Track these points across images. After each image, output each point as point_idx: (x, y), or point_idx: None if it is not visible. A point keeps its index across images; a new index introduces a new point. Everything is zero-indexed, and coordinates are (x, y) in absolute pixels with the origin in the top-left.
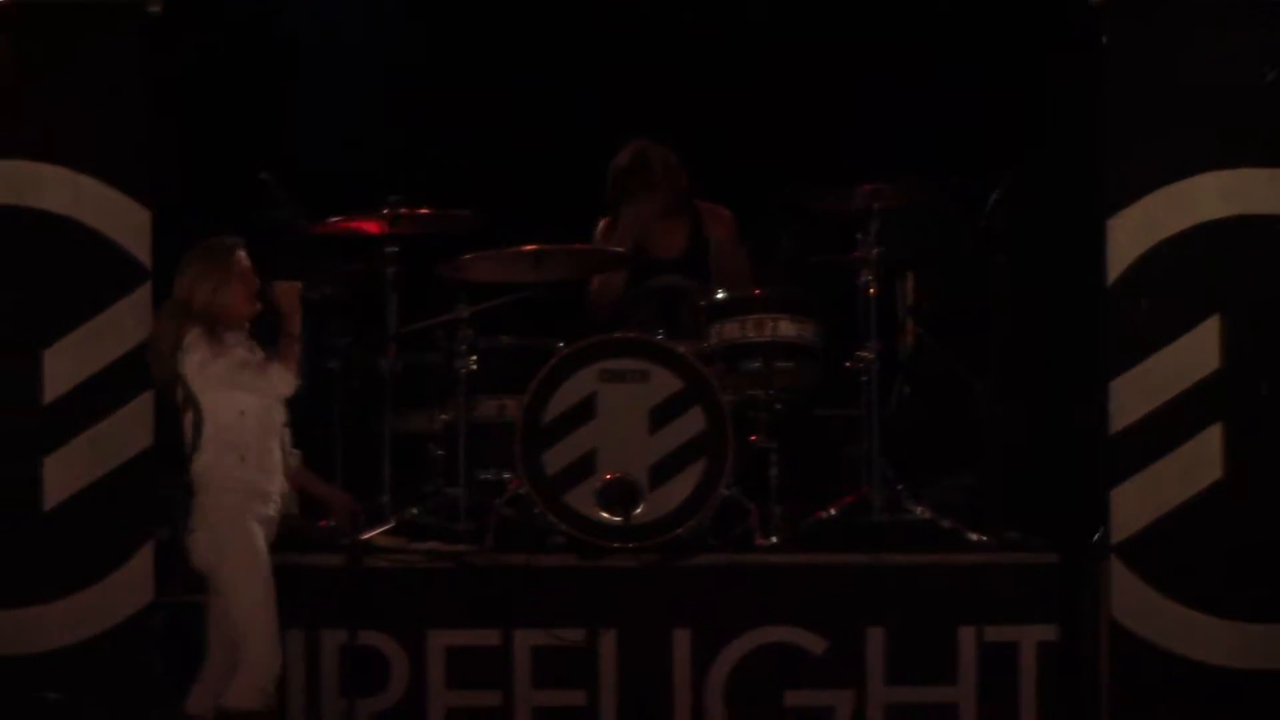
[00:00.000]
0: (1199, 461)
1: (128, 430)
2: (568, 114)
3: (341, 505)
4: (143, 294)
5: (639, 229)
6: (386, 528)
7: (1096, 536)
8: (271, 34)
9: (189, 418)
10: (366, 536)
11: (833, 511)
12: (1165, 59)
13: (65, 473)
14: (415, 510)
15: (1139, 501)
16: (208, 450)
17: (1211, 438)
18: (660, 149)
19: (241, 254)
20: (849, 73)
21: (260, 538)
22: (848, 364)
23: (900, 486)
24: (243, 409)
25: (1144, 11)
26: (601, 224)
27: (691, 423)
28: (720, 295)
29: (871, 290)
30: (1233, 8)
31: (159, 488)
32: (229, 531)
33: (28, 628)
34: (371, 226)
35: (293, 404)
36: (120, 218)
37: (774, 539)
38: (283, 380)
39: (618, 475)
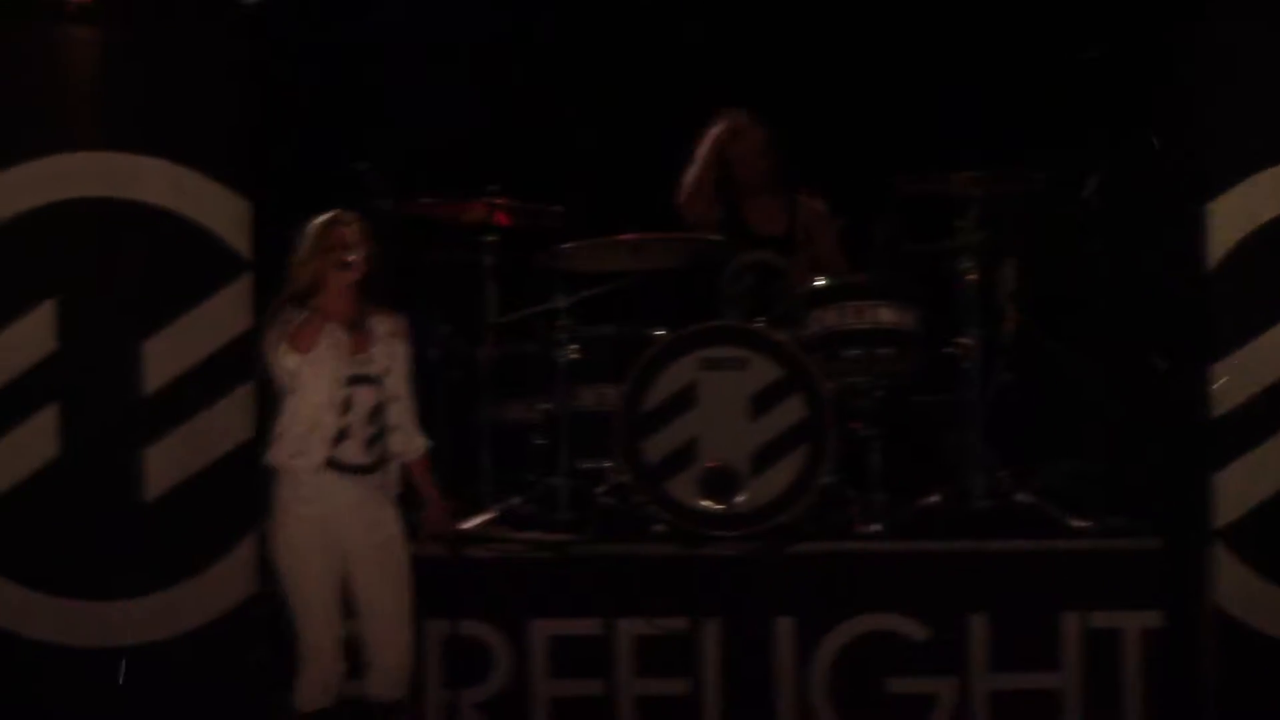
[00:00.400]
0: None
1: (229, 421)
2: (665, 102)
3: (436, 516)
4: (242, 285)
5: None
6: (488, 518)
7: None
8: (366, 24)
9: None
10: (468, 526)
11: (934, 498)
12: (1268, 38)
13: (166, 463)
14: (516, 500)
15: (1242, 486)
16: (274, 432)
17: None
18: (758, 125)
19: (332, 225)
20: (947, 58)
21: (304, 532)
22: (948, 351)
23: (1002, 473)
24: (301, 387)
25: None
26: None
27: (792, 410)
28: (820, 282)
29: (971, 277)
30: None
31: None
32: (275, 524)
33: (132, 618)
34: (470, 216)
35: None
36: (219, 209)
37: (876, 526)
38: (278, 351)
39: (718, 463)
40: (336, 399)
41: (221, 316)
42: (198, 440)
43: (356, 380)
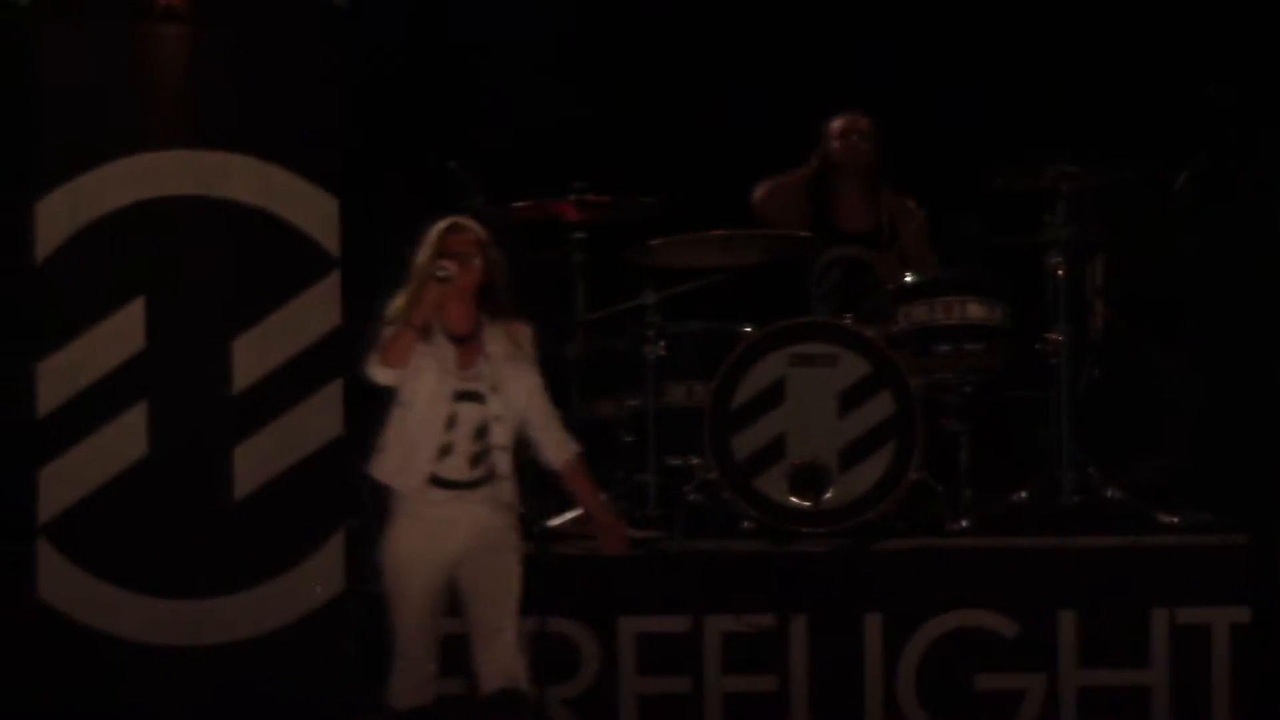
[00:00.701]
0: None
1: (317, 419)
2: (752, 99)
3: (611, 533)
4: (331, 283)
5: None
6: (576, 514)
7: None
8: (454, 22)
9: None
10: (557, 523)
11: (1023, 494)
12: None
13: (255, 462)
14: (605, 496)
15: None
16: (379, 443)
17: None
18: (860, 117)
19: (445, 233)
20: (1038, 51)
21: (409, 543)
22: (1037, 346)
23: (1091, 469)
24: (404, 402)
25: None
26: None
27: (880, 407)
28: (909, 278)
29: (1060, 272)
30: None
31: (350, 477)
32: (386, 529)
33: (220, 617)
34: (559, 212)
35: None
36: (308, 207)
37: (964, 523)
38: (370, 363)
39: (807, 459)
40: (439, 415)
41: (309, 314)
42: (286, 439)
43: (463, 396)
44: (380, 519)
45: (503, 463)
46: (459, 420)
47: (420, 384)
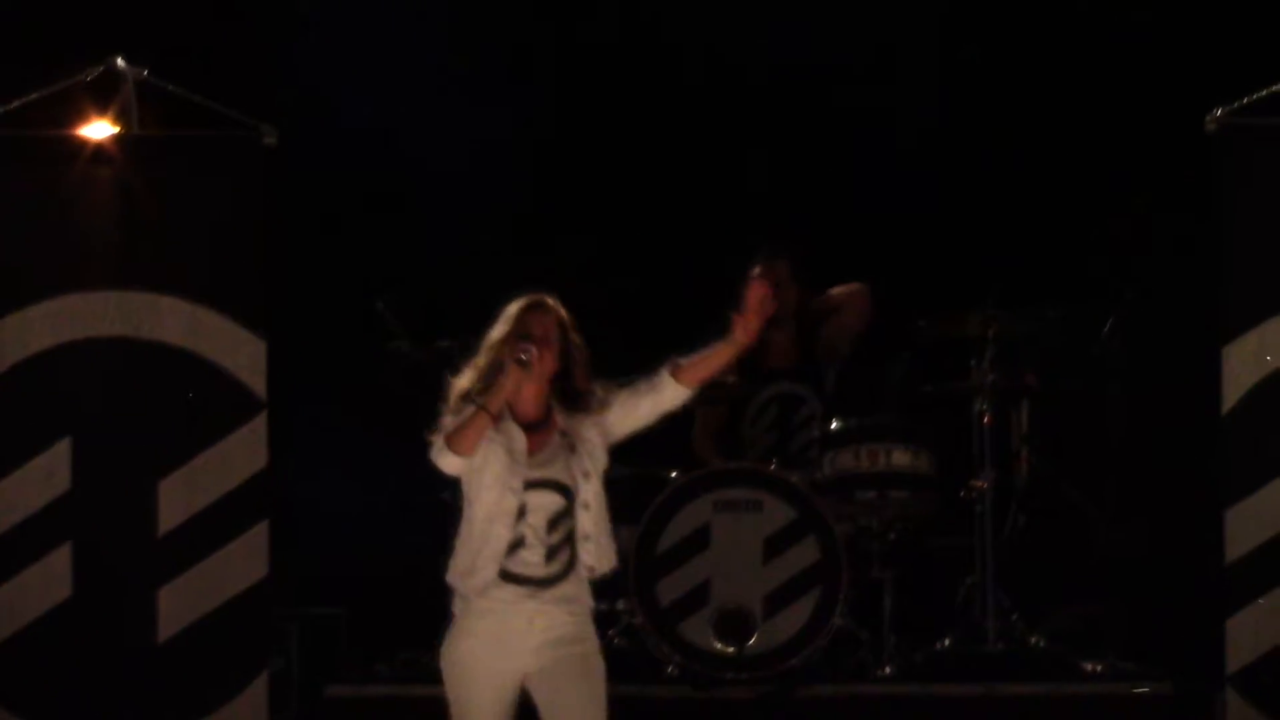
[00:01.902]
0: None
1: (242, 561)
2: (681, 234)
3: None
4: (257, 424)
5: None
6: None
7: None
8: (382, 164)
9: None
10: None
11: (948, 642)
12: (1278, 186)
13: (179, 604)
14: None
15: (1255, 631)
16: (454, 546)
17: None
18: (780, 262)
19: (524, 312)
20: (961, 201)
21: (475, 654)
22: (962, 493)
23: (1015, 616)
24: (473, 496)
25: (1258, 138)
26: None
27: (805, 553)
28: (834, 425)
29: (986, 419)
30: None
31: (274, 619)
32: (447, 640)
33: None
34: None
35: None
36: (236, 348)
37: (888, 670)
38: (436, 449)
39: (732, 605)
40: (508, 508)
41: (236, 456)
42: (211, 581)
43: (533, 485)
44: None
45: (587, 555)
46: (529, 510)
47: (487, 475)
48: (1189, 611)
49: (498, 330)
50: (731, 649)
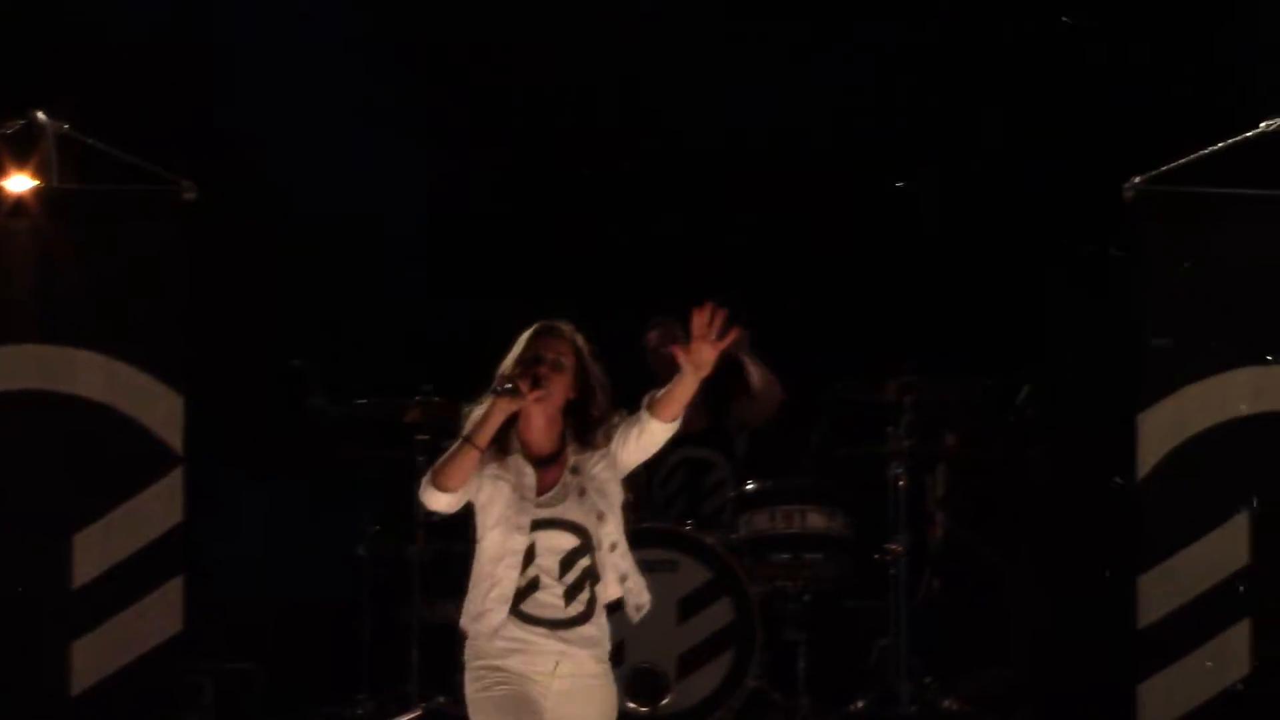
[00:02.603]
0: (1227, 658)
1: (157, 616)
2: (601, 300)
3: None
4: (173, 479)
5: None
6: (414, 716)
7: None
8: (301, 220)
9: None
10: None
11: (861, 704)
12: (1194, 254)
13: (93, 658)
14: (442, 699)
15: (1165, 697)
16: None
17: (1240, 634)
18: (676, 325)
19: (534, 338)
20: (882, 266)
21: (491, 704)
22: (877, 556)
23: (928, 679)
24: (481, 535)
25: (1173, 207)
26: None
27: (720, 613)
28: (750, 486)
29: (901, 482)
30: (1258, 204)
31: (189, 674)
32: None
33: None
34: (404, 413)
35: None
36: (154, 403)
37: None
38: (422, 486)
39: (645, 665)
40: (514, 548)
41: (152, 511)
42: (125, 635)
43: (542, 525)
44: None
45: (625, 593)
46: (539, 552)
47: (493, 513)
48: (1101, 676)
49: (508, 359)
50: (645, 709)
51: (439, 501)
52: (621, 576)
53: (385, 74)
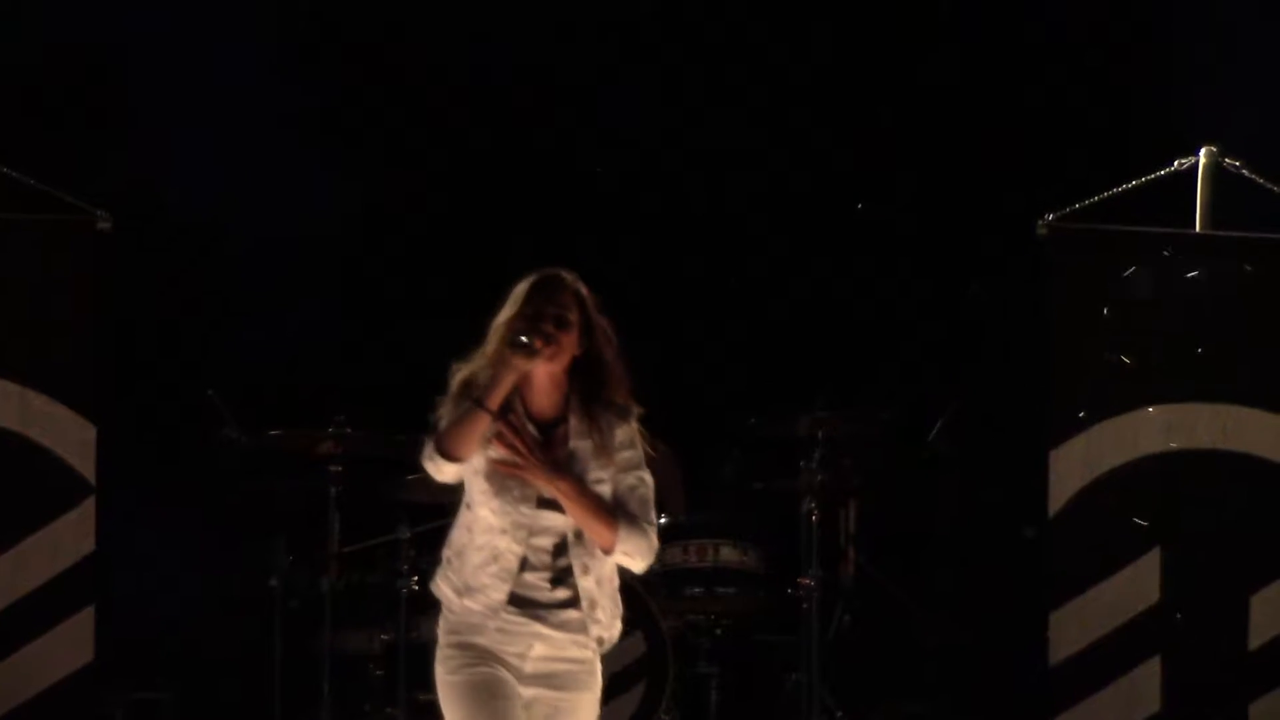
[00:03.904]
0: (1137, 695)
1: (68, 646)
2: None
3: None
4: (85, 510)
5: None
6: None
7: None
8: (215, 251)
9: None
10: None
11: None
12: (1107, 292)
13: (3, 688)
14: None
15: None
16: (443, 556)
17: (1151, 671)
18: None
19: (535, 288)
20: (792, 300)
21: (474, 682)
22: (789, 591)
23: (840, 714)
24: (475, 505)
25: (1086, 246)
26: None
27: (632, 647)
28: (663, 520)
29: (814, 517)
30: (1169, 242)
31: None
32: (439, 666)
33: None
34: (316, 445)
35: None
36: (66, 433)
37: None
38: (426, 454)
39: None
40: (521, 521)
41: (64, 540)
42: (35, 665)
43: (548, 502)
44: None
45: (590, 585)
46: (538, 530)
47: (495, 482)
48: (1013, 712)
49: (504, 312)
50: None
51: (446, 472)
52: (585, 567)
53: (299, 104)
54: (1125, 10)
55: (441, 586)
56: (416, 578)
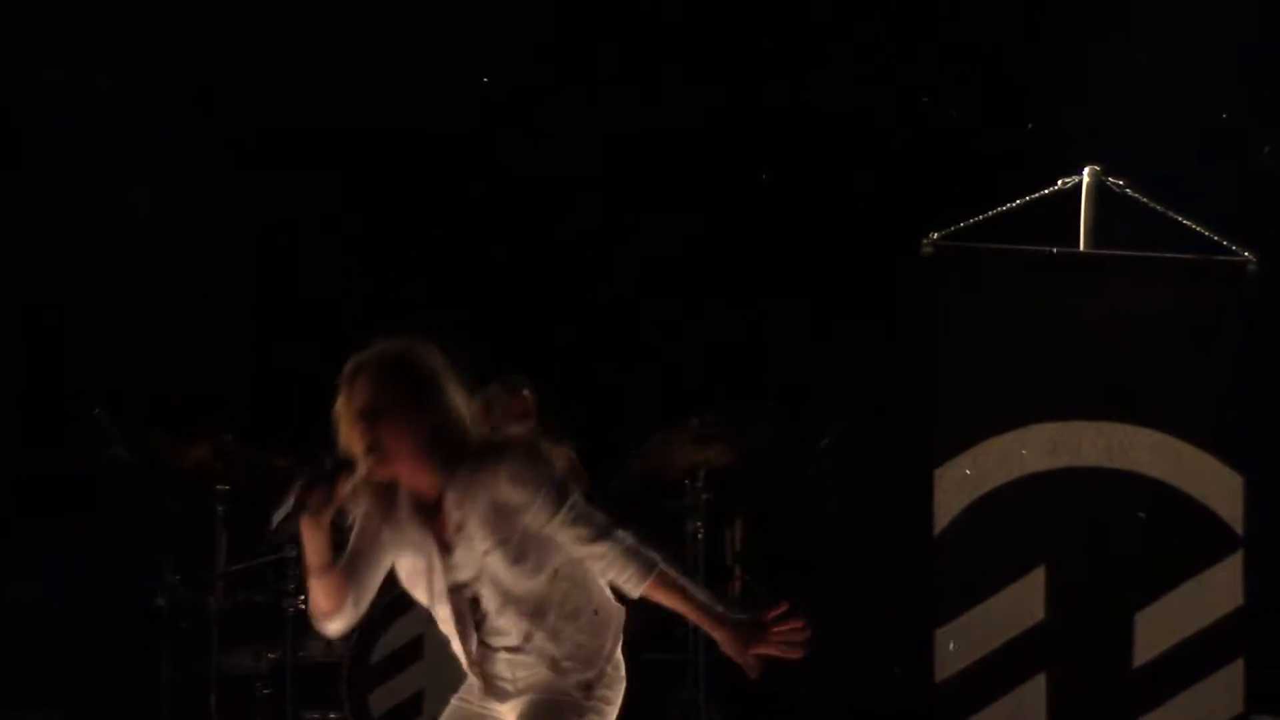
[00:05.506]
0: (1023, 712)
1: None
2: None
3: (729, 638)
4: None
5: None
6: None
7: None
8: (104, 261)
9: None
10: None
11: None
12: (991, 310)
13: None
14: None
15: None
16: None
17: (1036, 689)
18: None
19: (347, 378)
20: (681, 315)
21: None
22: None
23: None
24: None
25: (970, 264)
26: None
27: None
28: None
29: (699, 536)
30: (1054, 261)
31: None
32: None
33: None
34: (186, 455)
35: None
36: None
37: None
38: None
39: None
40: (444, 615)
41: None
42: None
43: (457, 589)
44: None
45: (540, 644)
46: (466, 611)
47: (402, 569)
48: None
49: (340, 400)
50: None
51: (335, 626)
52: (533, 614)
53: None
54: (1017, 29)
55: None
56: (303, 597)
